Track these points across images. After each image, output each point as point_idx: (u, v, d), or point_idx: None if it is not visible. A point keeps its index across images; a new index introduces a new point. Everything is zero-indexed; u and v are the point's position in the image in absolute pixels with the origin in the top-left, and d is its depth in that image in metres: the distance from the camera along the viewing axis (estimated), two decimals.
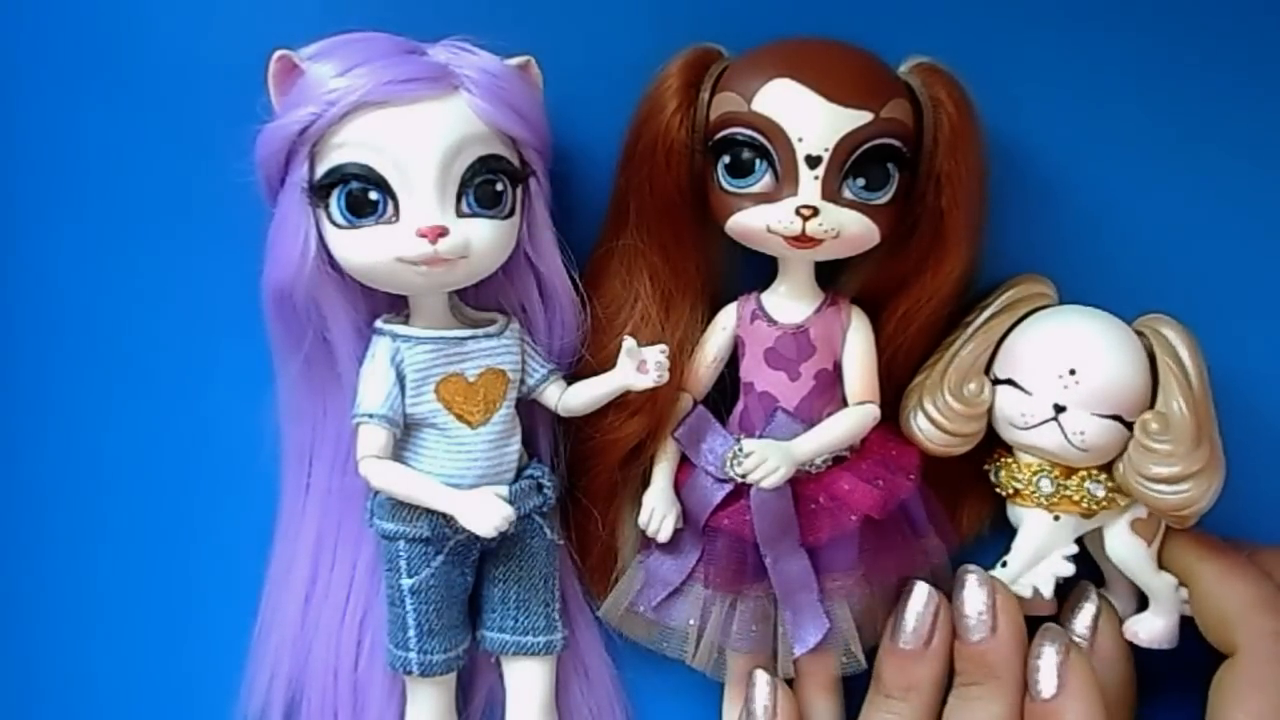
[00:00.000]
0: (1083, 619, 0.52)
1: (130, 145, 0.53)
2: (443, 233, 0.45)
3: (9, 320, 0.55)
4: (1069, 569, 0.51)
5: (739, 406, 0.51)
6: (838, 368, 0.51)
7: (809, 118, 0.46)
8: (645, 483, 0.52)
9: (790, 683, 0.53)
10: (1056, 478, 0.51)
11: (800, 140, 0.46)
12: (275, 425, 0.51)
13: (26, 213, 0.54)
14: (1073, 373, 0.49)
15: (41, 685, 0.54)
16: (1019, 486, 0.51)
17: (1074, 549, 0.51)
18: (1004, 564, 0.51)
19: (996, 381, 0.51)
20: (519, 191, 0.48)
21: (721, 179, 0.48)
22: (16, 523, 0.55)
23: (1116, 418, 0.50)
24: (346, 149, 0.45)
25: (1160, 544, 0.52)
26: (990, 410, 0.51)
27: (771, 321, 0.51)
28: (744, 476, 0.49)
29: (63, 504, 0.55)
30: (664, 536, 0.51)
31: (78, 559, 0.55)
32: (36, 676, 0.55)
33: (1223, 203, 0.54)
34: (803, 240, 0.48)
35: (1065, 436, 0.49)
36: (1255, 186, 0.55)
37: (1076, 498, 0.51)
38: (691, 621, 0.52)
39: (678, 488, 0.52)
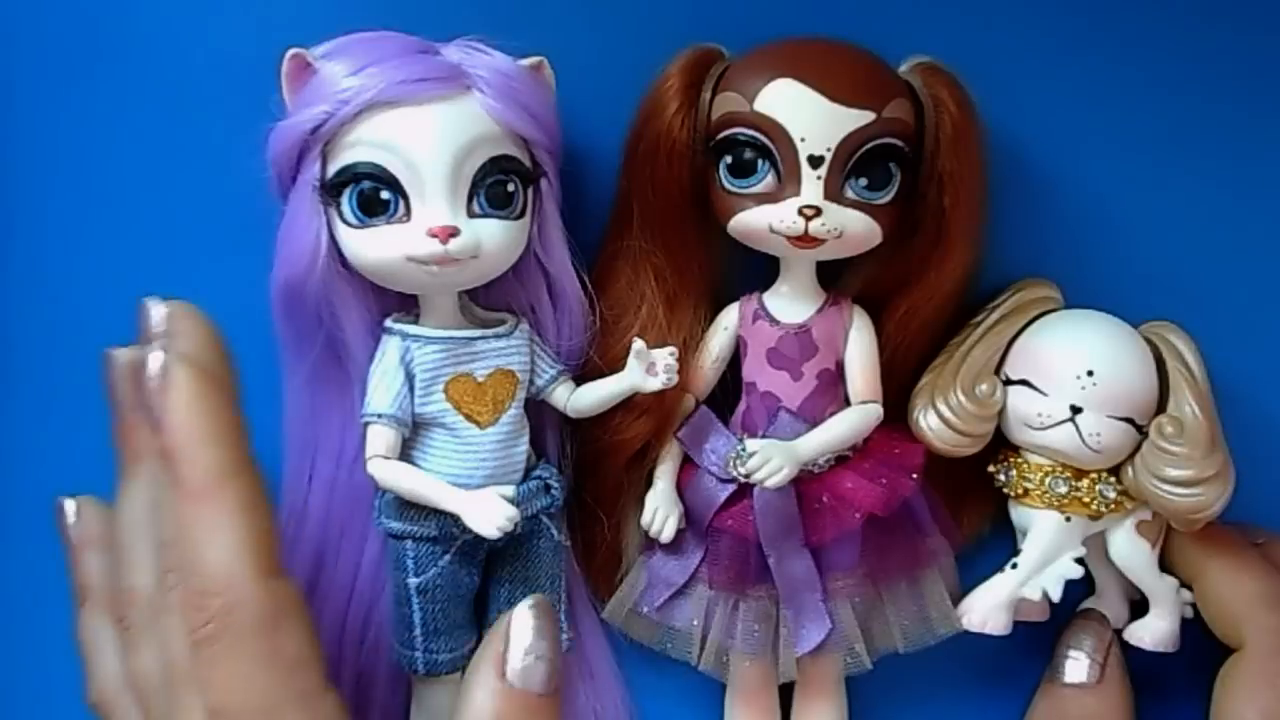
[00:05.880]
0: (1091, 652, 0.52)
1: (141, 142, 0.53)
2: (454, 233, 0.45)
3: (11, 318, 0.55)
4: (1078, 571, 0.51)
5: (741, 406, 0.51)
6: (840, 367, 0.51)
7: (811, 118, 0.46)
8: (649, 484, 0.52)
9: (793, 684, 0.52)
10: (1068, 479, 0.51)
11: (803, 140, 0.46)
12: (281, 423, 0.51)
13: (32, 209, 0.54)
14: (1090, 374, 0.49)
15: (41, 685, 0.54)
16: (1029, 487, 0.51)
17: (1082, 551, 0.51)
18: (1014, 565, 0.51)
19: (1008, 382, 0.51)
20: (530, 192, 0.48)
21: (723, 179, 0.49)
22: (17, 520, 0.55)
23: (1129, 420, 0.50)
24: (358, 148, 0.45)
25: (1160, 547, 0.52)
26: (1001, 411, 0.51)
27: (774, 321, 0.51)
28: (748, 476, 0.49)
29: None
30: (666, 537, 0.51)
31: None
32: (36, 677, 0.55)
33: (1225, 205, 0.54)
34: (805, 240, 0.48)
35: (1081, 438, 0.50)
36: (1257, 189, 0.55)
37: (1087, 499, 0.51)
38: (695, 622, 0.52)
39: (680, 488, 0.52)
